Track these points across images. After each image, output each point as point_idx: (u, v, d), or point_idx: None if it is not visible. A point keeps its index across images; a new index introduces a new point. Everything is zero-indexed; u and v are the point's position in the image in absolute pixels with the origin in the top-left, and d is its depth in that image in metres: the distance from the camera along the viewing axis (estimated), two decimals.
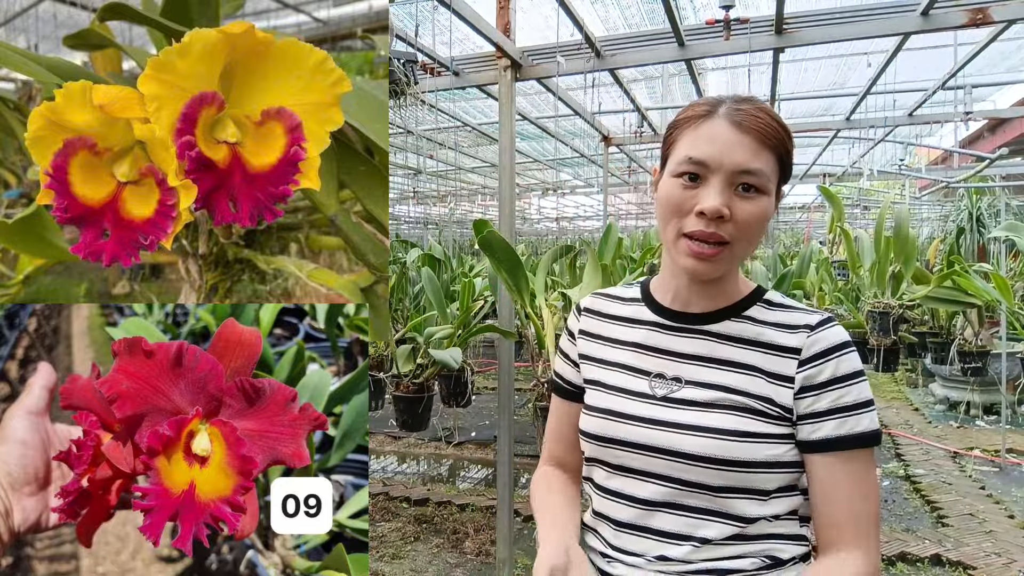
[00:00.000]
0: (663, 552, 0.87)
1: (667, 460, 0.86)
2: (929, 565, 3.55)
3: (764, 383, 0.86)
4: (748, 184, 0.83)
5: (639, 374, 0.93)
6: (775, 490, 0.86)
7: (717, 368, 0.88)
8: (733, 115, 0.84)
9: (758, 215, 0.84)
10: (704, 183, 0.84)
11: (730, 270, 0.90)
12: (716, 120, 0.85)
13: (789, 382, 0.85)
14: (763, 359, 0.87)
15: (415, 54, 2.03)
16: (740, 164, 0.82)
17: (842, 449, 0.83)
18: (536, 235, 14.12)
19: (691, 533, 0.86)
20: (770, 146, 0.84)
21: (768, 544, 0.87)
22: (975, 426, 6.21)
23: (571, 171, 8.26)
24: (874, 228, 4.17)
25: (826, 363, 0.84)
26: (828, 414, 0.83)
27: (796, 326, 0.87)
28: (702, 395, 0.87)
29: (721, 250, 0.84)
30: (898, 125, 4.79)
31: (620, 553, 0.91)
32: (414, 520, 4.20)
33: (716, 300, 0.92)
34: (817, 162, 6.83)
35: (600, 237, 3.18)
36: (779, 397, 0.85)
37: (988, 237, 5.50)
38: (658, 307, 0.96)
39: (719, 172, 0.83)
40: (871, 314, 4.18)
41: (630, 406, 0.91)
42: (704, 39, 2.91)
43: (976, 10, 2.48)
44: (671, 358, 0.92)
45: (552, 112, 4.97)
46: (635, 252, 4.99)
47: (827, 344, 0.85)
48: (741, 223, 0.83)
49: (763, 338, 0.88)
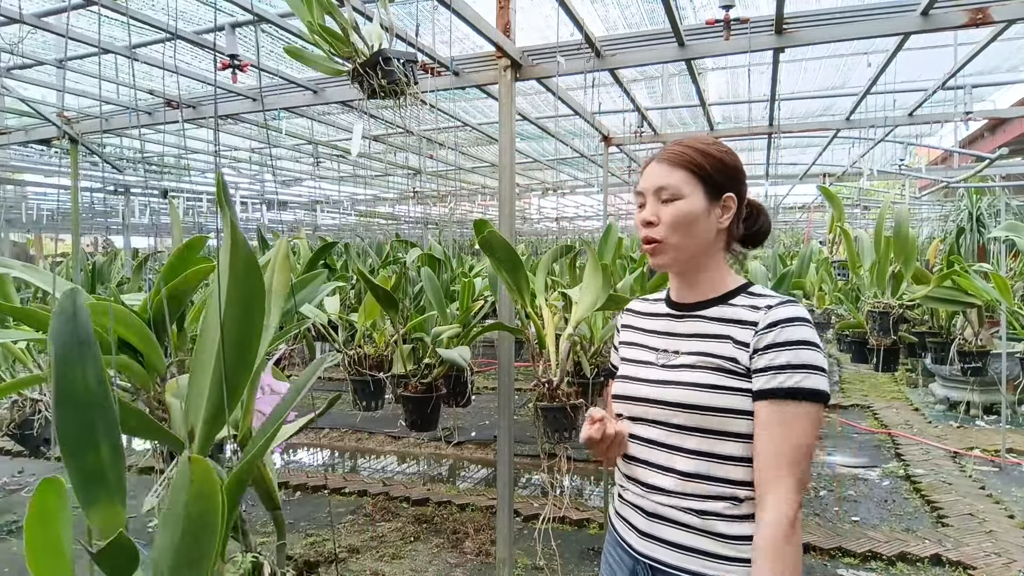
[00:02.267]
0: (655, 482, 1.19)
1: (660, 408, 1.19)
2: (929, 565, 3.55)
3: (731, 347, 1.15)
4: (666, 197, 1.19)
5: (652, 351, 1.27)
6: (738, 434, 1.12)
7: (702, 340, 1.19)
8: (659, 155, 1.22)
9: (675, 214, 1.18)
10: (646, 204, 1.22)
11: (693, 265, 1.22)
12: (651, 164, 1.23)
13: (746, 347, 1.13)
14: (733, 330, 1.16)
15: (415, 54, 2.03)
16: (656, 183, 1.20)
17: (774, 399, 1.08)
18: (536, 235, 14.12)
19: (672, 466, 1.17)
20: (679, 165, 1.18)
21: (732, 489, 1.12)
22: (975, 426, 6.21)
23: (571, 171, 8.25)
24: (874, 228, 4.17)
25: (770, 332, 1.11)
26: (766, 370, 1.10)
27: (759, 307, 1.16)
28: (688, 360, 1.19)
29: (657, 246, 1.20)
30: (898, 125, 4.79)
31: (628, 481, 1.25)
32: (414, 520, 4.20)
33: (704, 292, 1.23)
34: (817, 162, 6.82)
35: (600, 237, 3.18)
36: (741, 359, 1.13)
37: (988, 237, 5.50)
38: (669, 302, 1.30)
39: (648, 194, 1.22)
40: (871, 314, 4.17)
41: (642, 372, 1.25)
42: (704, 39, 2.91)
43: (976, 10, 2.48)
44: (673, 337, 1.24)
45: (552, 112, 4.96)
46: (635, 252, 4.98)
47: (775, 318, 1.12)
48: (666, 222, 1.18)
49: (736, 316, 1.17)
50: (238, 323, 0.96)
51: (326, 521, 4.23)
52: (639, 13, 3.26)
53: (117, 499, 0.85)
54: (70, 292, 0.85)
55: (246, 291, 0.95)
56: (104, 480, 0.83)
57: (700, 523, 1.13)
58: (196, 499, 0.79)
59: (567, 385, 2.46)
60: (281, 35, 3.32)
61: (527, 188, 9.27)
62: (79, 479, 0.82)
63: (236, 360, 0.97)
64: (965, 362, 4.82)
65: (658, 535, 1.17)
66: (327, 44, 1.95)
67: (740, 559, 1.11)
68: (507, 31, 2.72)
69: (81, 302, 0.86)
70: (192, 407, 1.02)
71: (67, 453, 0.81)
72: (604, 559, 1.32)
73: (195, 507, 0.79)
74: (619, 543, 1.26)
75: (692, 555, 1.13)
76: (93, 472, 0.83)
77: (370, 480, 5.01)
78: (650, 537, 1.18)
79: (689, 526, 1.14)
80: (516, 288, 2.39)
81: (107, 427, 0.84)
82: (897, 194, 8.52)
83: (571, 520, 4.14)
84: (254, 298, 0.96)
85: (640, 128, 4.88)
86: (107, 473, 0.83)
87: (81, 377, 0.83)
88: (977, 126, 9.09)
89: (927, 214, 9.71)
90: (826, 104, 5.10)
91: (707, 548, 1.12)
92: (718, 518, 1.12)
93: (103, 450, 0.83)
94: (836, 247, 4.80)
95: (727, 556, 1.11)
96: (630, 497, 1.24)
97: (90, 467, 0.83)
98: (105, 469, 0.83)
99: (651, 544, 1.18)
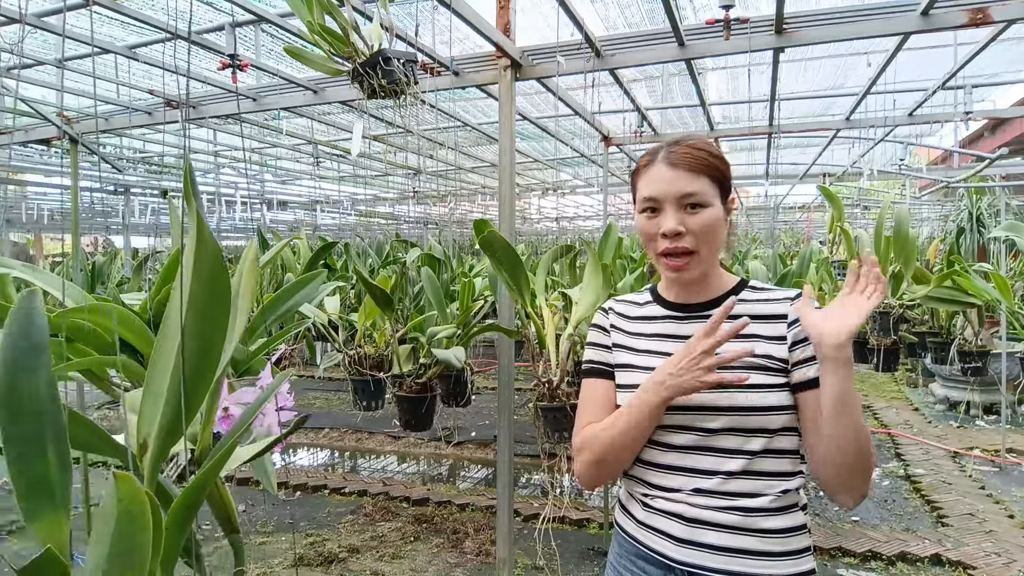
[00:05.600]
0: (697, 485, 1.13)
1: (693, 414, 1.13)
2: (929, 565, 3.55)
3: (764, 344, 1.13)
4: (692, 203, 1.12)
5: (664, 356, 1.17)
6: (779, 429, 1.11)
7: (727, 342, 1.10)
8: (668, 158, 1.15)
9: (706, 222, 1.13)
10: (661, 212, 1.14)
11: (708, 269, 1.18)
12: (656, 165, 1.16)
13: (782, 340, 1.13)
14: (759, 328, 1.14)
15: (415, 54, 2.03)
16: (681, 190, 1.12)
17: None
18: (536, 235, 14.12)
19: (717, 468, 1.12)
20: (701, 171, 1.13)
21: (776, 481, 1.12)
22: (975, 426, 6.21)
23: (571, 171, 8.25)
24: (874, 228, 4.17)
25: None
26: (812, 360, 1.10)
27: (780, 299, 1.17)
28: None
29: (690, 259, 1.14)
30: (898, 125, 4.79)
31: (659, 490, 1.17)
32: (414, 520, 4.20)
33: (708, 291, 1.21)
34: (817, 162, 6.82)
35: (600, 237, 3.18)
36: (778, 352, 1.13)
37: (988, 237, 5.50)
38: (667, 303, 1.25)
39: (667, 201, 1.13)
40: (871, 314, 4.17)
41: None
42: (704, 39, 2.91)
43: (976, 10, 2.48)
44: (685, 340, 1.15)
45: (552, 112, 4.96)
46: (635, 252, 4.99)
47: None
48: (697, 232, 1.13)
49: (757, 311, 1.16)
50: (200, 327, 0.88)
51: (326, 521, 4.23)
52: (639, 13, 3.26)
53: (62, 511, 0.80)
54: (28, 294, 0.81)
55: (211, 293, 0.87)
56: (50, 491, 0.79)
57: (744, 522, 1.11)
58: (125, 518, 0.73)
59: (567, 385, 2.46)
60: (281, 35, 3.32)
61: (527, 188, 9.27)
62: (24, 489, 0.78)
63: (197, 367, 0.90)
64: (965, 362, 4.83)
65: (700, 540, 1.13)
66: (327, 44, 1.95)
67: (786, 552, 1.10)
68: (507, 31, 2.72)
69: (39, 305, 0.81)
70: (146, 418, 0.93)
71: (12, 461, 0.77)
72: (616, 573, 1.24)
73: (124, 527, 0.73)
74: (644, 555, 1.19)
75: (736, 556, 1.11)
76: (39, 482, 0.79)
77: (370, 480, 5.01)
78: (690, 544, 1.13)
79: (732, 527, 1.11)
80: (516, 288, 2.39)
81: (56, 436, 0.79)
82: (897, 194, 8.52)
83: (571, 520, 4.14)
84: (219, 301, 0.89)
85: (640, 128, 4.87)
86: (53, 484, 0.79)
87: (32, 383, 0.78)
88: (977, 126, 9.09)
89: (927, 214, 9.71)
90: (826, 104, 5.10)
91: (752, 547, 1.10)
92: (761, 514, 1.11)
93: (50, 460, 0.79)
94: (836, 247, 4.79)
95: (772, 552, 1.10)
96: (662, 505, 1.17)
97: (37, 477, 0.78)
98: (52, 479, 0.79)
99: (691, 550, 1.13)
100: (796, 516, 1.14)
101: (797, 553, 1.12)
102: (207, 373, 0.92)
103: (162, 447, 0.93)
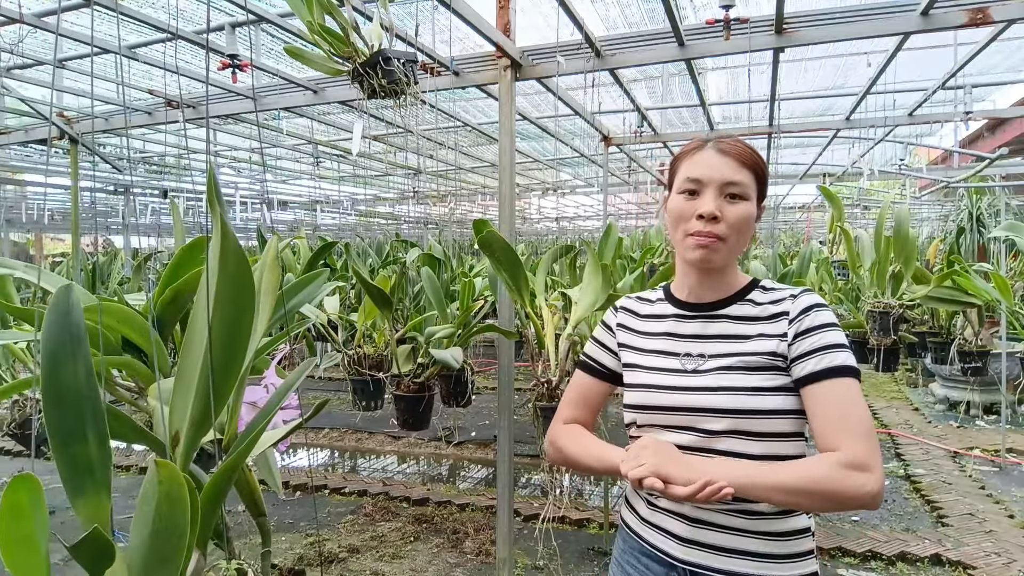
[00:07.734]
0: None
1: (696, 415, 1.13)
2: (929, 565, 3.55)
3: (767, 341, 1.14)
4: (733, 193, 1.14)
5: (670, 356, 1.20)
6: (782, 434, 1.11)
7: (732, 342, 1.16)
8: (718, 145, 1.17)
9: (743, 215, 1.14)
10: (701, 195, 1.15)
11: (729, 262, 1.18)
12: (706, 151, 1.17)
13: (784, 336, 1.13)
14: (765, 326, 1.15)
15: (415, 54, 2.03)
16: (726, 177, 1.14)
17: (824, 379, 1.07)
18: (536, 235, 14.12)
19: None
20: (747, 165, 1.15)
21: None
22: (975, 426, 6.21)
23: (571, 171, 8.25)
24: (874, 228, 4.17)
25: (805, 316, 1.12)
26: (809, 354, 1.09)
27: (783, 298, 1.17)
28: (722, 363, 1.14)
29: (720, 242, 1.13)
30: (898, 125, 4.79)
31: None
32: (414, 520, 4.20)
33: (722, 290, 1.20)
34: (817, 162, 6.82)
35: (600, 237, 3.18)
36: (779, 348, 1.12)
37: (988, 237, 5.50)
38: (677, 302, 1.25)
39: (710, 185, 1.14)
40: (871, 314, 4.17)
41: (666, 380, 1.18)
42: (704, 39, 2.91)
43: (976, 10, 2.48)
44: (694, 340, 1.19)
45: (552, 112, 4.97)
46: (635, 252, 4.99)
47: (805, 304, 1.14)
48: (731, 222, 1.13)
49: (764, 311, 1.17)
50: (227, 323, 0.93)
51: (326, 521, 4.23)
52: (639, 13, 3.26)
53: (103, 491, 0.85)
54: (65, 288, 0.86)
55: (236, 290, 0.92)
56: (92, 472, 0.84)
57: (747, 523, 1.11)
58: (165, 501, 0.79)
59: (566, 385, 2.46)
60: (281, 35, 3.32)
61: (527, 188, 9.27)
62: (68, 471, 0.83)
63: (224, 361, 0.94)
64: (965, 362, 4.82)
65: (702, 540, 1.14)
66: (327, 44, 1.95)
67: (789, 555, 1.11)
68: (507, 31, 2.72)
69: (76, 299, 0.86)
70: (177, 410, 0.99)
71: (57, 445, 0.82)
72: (621, 568, 1.26)
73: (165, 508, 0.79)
74: (647, 552, 1.21)
75: (738, 557, 1.11)
76: (82, 464, 0.84)
77: (370, 480, 5.01)
78: (693, 543, 1.14)
79: (735, 528, 1.12)
80: (516, 288, 2.39)
81: (96, 421, 0.84)
82: (897, 194, 8.52)
83: (571, 520, 4.14)
84: (244, 297, 0.93)
85: (640, 128, 4.88)
86: (94, 465, 0.84)
87: (73, 371, 0.83)
88: (977, 126, 9.10)
89: (927, 214, 9.71)
90: (826, 104, 5.10)
91: (754, 548, 1.11)
92: (764, 516, 1.11)
93: (91, 442, 0.84)
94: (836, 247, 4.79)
95: (775, 554, 1.11)
96: (666, 504, 1.18)
97: (79, 459, 0.84)
98: (93, 461, 0.84)
99: (694, 550, 1.14)
100: (799, 519, 1.14)
101: (799, 556, 1.12)
102: (234, 367, 0.97)
103: (194, 437, 0.99)
